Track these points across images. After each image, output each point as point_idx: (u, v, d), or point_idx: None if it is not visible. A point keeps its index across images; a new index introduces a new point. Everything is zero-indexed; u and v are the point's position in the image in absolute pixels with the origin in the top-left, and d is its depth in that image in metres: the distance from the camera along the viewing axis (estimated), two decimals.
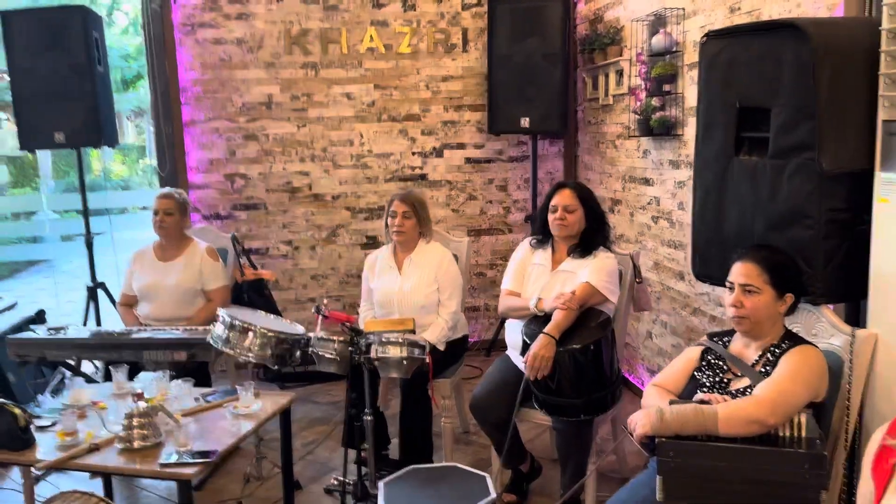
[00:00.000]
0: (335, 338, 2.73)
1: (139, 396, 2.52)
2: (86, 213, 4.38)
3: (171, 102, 4.53)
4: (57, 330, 3.31)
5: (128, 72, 11.18)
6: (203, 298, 3.66)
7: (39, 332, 3.28)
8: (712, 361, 1.95)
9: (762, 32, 1.93)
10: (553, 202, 2.83)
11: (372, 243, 4.88)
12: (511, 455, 2.88)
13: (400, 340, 2.67)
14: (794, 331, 1.96)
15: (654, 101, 3.57)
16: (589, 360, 2.49)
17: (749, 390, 1.80)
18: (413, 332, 2.85)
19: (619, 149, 4.21)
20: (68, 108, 4.04)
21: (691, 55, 3.32)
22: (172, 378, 2.76)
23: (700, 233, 2.15)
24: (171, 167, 4.58)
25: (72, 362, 3.72)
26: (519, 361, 2.84)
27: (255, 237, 4.76)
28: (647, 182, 3.87)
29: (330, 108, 4.74)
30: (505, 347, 3.04)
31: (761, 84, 1.89)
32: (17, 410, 2.26)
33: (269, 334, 2.79)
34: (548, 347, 2.47)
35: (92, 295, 4.35)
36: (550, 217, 2.83)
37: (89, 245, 4.40)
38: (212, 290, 3.65)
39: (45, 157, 9.99)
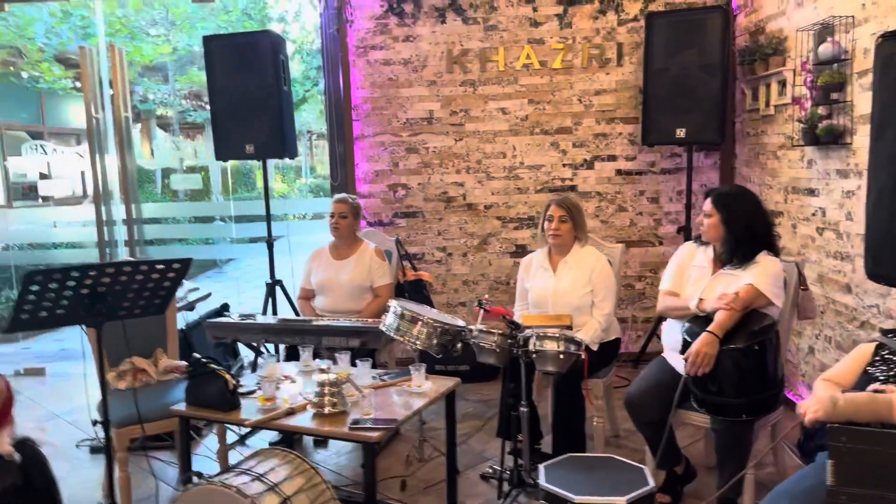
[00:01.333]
0: (495, 330, 2.92)
1: (325, 371, 2.83)
2: (268, 218, 4.87)
3: (344, 119, 4.96)
4: (246, 317, 3.75)
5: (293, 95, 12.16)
6: (371, 294, 3.98)
7: (233, 318, 3.73)
8: (886, 356, 1.93)
9: None
10: (703, 208, 2.91)
11: (521, 252, 5.05)
12: (666, 456, 2.92)
13: (557, 335, 2.82)
14: None
15: (821, 110, 3.50)
16: (751, 360, 2.51)
17: None
18: (570, 328, 3.00)
19: (780, 159, 4.13)
20: (257, 123, 4.54)
21: (861, 63, 3.24)
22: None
23: (874, 233, 2.14)
24: (342, 178, 5.00)
25: (255, 345, 4.18)
26: (676, 363, 2.89)
27: (413, 243, 5.07)
28: (811, 193, 3.78)
29: (485, 122, 4.98)
30: (653, 357, 3.09)
31: None
32: (227, 375, 2.61)
33: (436, 324, 3.03)
34: (710, 345, 2.52)
35: (270, 290, 4.83)
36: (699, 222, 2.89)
37: (270, 246, 4.89)
38: (379, 287, 3.96)
39: (215, 171, 11.07)
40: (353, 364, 2.93)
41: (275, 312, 4.77)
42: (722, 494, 2.59)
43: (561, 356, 2.81)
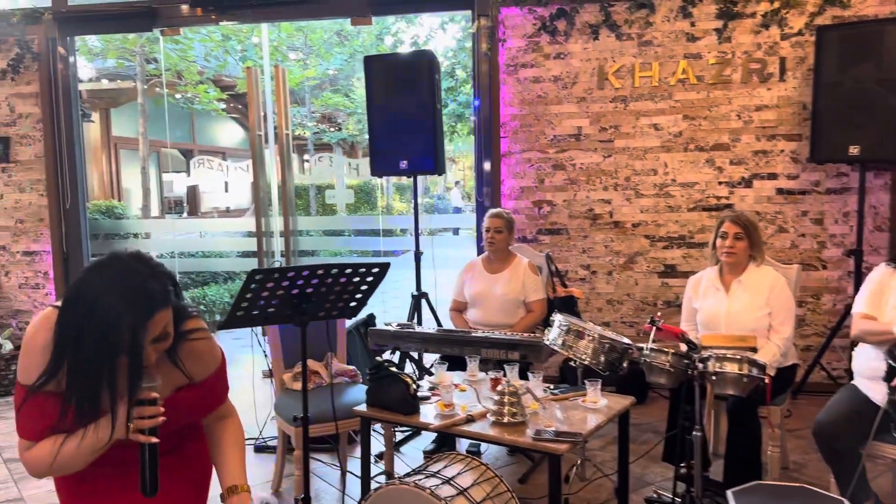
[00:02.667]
0: (669, 349, 2.83)
1: (497, 381, 2.84)
2: (416, 232, 4.98)
3: (493, 135, 5.02)
4: (404, 326, 3.84)
5: None
6: (524, 309, 3.98)
7: (392, 327, 3.83)
8: None
9: None
10: None
11: (670, 272, 4.92)
12: (857, 490, 2.72)
13: (739, 357, 2.69)
14: None
15: None
16: None
17: None
18: (755, 350, 2.86)
19: None
20: (412, 140, 4.68)
21: None
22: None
23: None
24: (489, 194, 5.06)
25: (413, 355, 4.27)
26: (871, 391, 2.71)
27: (557, 260, 5.03)
28: None
29: (636, 138, 4.90)
30: (823, 387, 2.90)
31: None
32: (408, 379, 2.67)
33: (604, 340, 2.99)
34: None
35: (416, 302, 4.93)
36: None
37: (417, 259, 5.00)
38: (532, 302, 3.96)
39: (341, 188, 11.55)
40: (524, 377, 2.93)
41: (419, 324, 4.87)
42: None
43: (744, 380, 2.68)
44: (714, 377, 2.71)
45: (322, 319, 2.39)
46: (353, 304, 2.43)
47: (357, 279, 2.32)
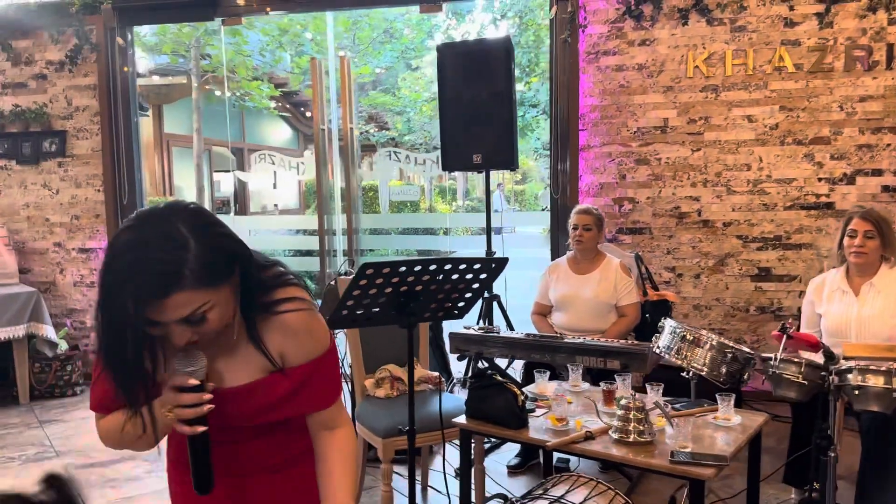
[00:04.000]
0: (802, 360, 2.50)
1: (611, 393, 2.54)
2: (489, 231, 4.70)
3: (570, 128, 4.71)
4: (487, 330, 3.55)
5: None
6: (615, 313, 3.67)
7: (475, 330, 3.55)
8: None
9: None
10: None
11: (764, 275, 4.55)
12: None
13: (884, 369, 2.36)
14: None
15: None
16: None
17: None
18: None
19: None
20: (485, 132, 4.40)
21: None
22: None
23: None
24: (564, 190, 4.75)
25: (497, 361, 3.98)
26: None
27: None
28: None
29: (728, 131, 4.55)
30: None
31: None
32: (515, 389, 2.39)
33: (726, 349, 2.68)
34: None
35: (488, 305, 4.64)
36: None
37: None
38: (626, 306, 3.65)
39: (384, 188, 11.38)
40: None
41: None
42: None
43: (893, 395, 2.35)
44: (856, 391, 2.39)
45: (428, 321, 2.12)
46: (462, 304, 2.15)
47: (470, 276, 2.05)
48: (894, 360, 2.53)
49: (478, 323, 4.64)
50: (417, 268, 1.91)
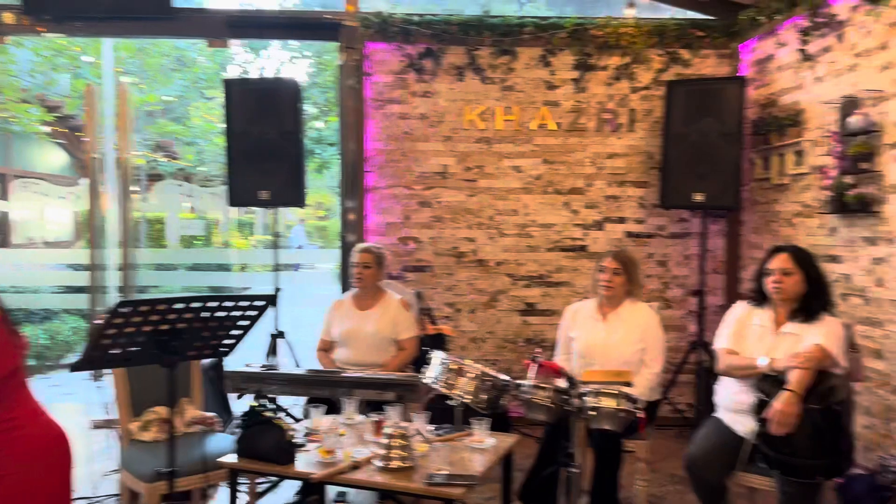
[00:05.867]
0: (549, 385, 2.82)
1: (380, 424, 2.68)
2: (276, 268, 4.71)
3: (358, 170, 4.90)
4: (268, 367, 3.55)
5: None
6: (395, 347, 3.84)
7: (254, 367, 3.53)
8: None
9: None
10: (770, 265, 2.89)
11: (530, 310, 5.02)
12: None
13: (616, 392, 2.74)
14: None
15: (848, 179, 3.63)
16: (829, 421, 2.48)
17: None
18: (629, 384, 2.92)
19: (796, 227, 4.24)
20: (273, 170, 4.45)
21: (893, 135, 3.39)
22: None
23: None
24: (353, 229, 4.91)
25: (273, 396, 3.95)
26: (735, 423, 2.85)
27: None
28: (833, 259, 3.87)
29: (499, 179, 5.00)
30: (662, 422, 3.01)
31: None
32: (285, 425, 2.44)
33: (485, 378, 2.93)
34: (794, 404, 2.48)
35: (274, 342, 4.63)
36: (767, 280, 2.88)
37: (274, 296, 4.71)
38: (404, 340, 3.83)
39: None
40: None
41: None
42: None
43: (620, 414, 2.72)
44: (592, 412, 2.74)
45: (193, 359, 2.12)
46: (228, 341, 2.18)
47: (237, 313, 2.09)
48: (624, 383, 2.93)
49: (267, 360, 4.61)
50: (178, 305, 1.91)
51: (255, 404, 2.44)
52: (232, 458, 2.48)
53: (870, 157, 3.52)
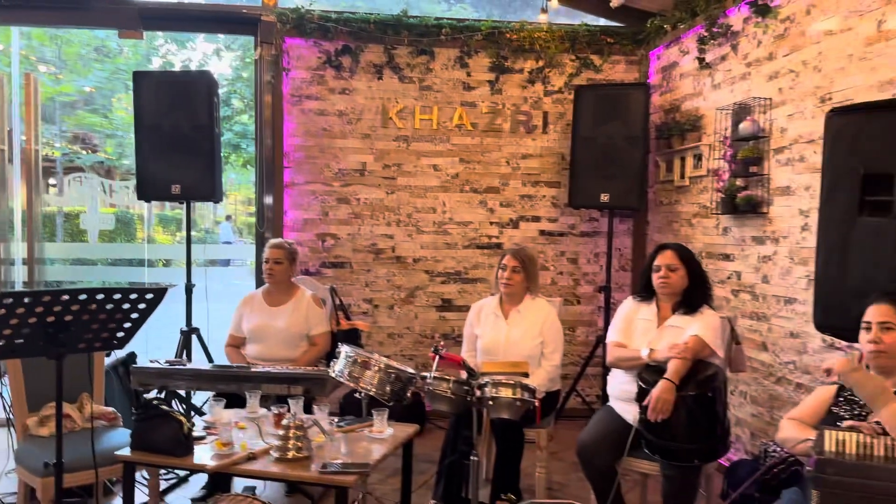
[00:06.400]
0: (451, 377, 2.92)
1: (280, 416, 2.71)
2: (189, 263, 4.65)
3: (275, 165, 4.89)
4: (174, 363, 3.53)
5: None
6: (307, 342, 3.87)
7: (160, 363, 3.50)
8: (849, 397, 2.12)
9: (887, 109, 2.22)
10: (656, 262, 3.06)
11: (447, 306, 5.12)
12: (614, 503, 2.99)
13: (513, 382, 2.86)
14: None
15: (738, 182, 3.86)
16: (704, 407, 2.66)
17: None
18: (526, 375, 3.05)
19: (695, 227, 4.47)
20: (186, 164, 4.39)
21: (778, 140, 3.63)
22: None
23: (823, 287, 2.37)
24: (270, 225, 4.90)
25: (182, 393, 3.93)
26: (624, 411, 3.01)
27: (340, 294, 4.99)
28: (726, 258, 4.10)
29: (417, 177, 5.08)
30: (571, 413, 3.16)
31: (885, 153, 2.16)
32: (181, 418, 2.45)
33: (389, 370, 3.00)
34: (669, 392, 2.65)
35: (186, 338, 4.58)
36: (654, 276, 3.06)
37: (188, 292, 4.66)
38: (316, 335, 3.86)
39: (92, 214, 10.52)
40: (309, 411, 2.83)
41: (189, 361, 4.52)
42: None
43: (517, 403, 2.84)
44: (491, 402, 2.84)
45: (83, 352, 2.11)
46: (120, 334, 2.18)
47: (127, 306, 2.09)
48: (521, 374, 3.05)
49: (177, 357, 4.55)
50: (65, 297, 1.91)
51: (150, 398, 2.44)
52: (126, 452, 2.47)
53: (758, 162, 3.76)
